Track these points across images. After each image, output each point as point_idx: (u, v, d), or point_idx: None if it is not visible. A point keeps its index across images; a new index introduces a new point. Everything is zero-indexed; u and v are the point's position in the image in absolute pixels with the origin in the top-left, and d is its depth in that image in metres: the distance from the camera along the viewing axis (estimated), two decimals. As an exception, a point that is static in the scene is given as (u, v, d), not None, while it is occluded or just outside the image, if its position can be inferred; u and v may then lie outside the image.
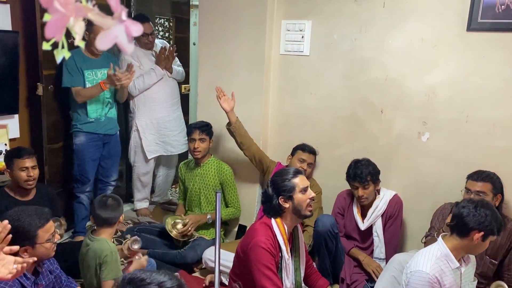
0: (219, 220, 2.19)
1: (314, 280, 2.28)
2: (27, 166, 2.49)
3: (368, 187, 2.60)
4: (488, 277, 2.43)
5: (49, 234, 1.79)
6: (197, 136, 3.06)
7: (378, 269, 2.60)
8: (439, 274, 1.85)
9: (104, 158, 3.35)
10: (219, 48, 3.23)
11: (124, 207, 3.97)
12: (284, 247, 2.05)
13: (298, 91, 3.15)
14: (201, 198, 3.17)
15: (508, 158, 2.57)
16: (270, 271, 1.96)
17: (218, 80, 3.28)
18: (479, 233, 1.81)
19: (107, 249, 2.16)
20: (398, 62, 2.79)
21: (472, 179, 2.40)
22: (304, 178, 2.10)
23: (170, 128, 3.67)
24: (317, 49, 3.03)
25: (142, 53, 3.54)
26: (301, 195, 2.04)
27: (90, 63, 3.13)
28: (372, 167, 2.61)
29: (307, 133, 3.15)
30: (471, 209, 1.83)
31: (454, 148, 2.72)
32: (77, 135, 3.18)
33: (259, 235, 2.01)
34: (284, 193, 2.03)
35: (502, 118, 2.57)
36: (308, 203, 2.06)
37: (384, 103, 2.88)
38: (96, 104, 3.17)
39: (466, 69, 2.62)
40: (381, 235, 2.67)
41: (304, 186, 2.06)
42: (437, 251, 1.91)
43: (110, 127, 3.30)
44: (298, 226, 2.19)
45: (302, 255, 2.19)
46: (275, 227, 2.04)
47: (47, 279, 1.88)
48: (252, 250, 1.99)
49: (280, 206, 2.04)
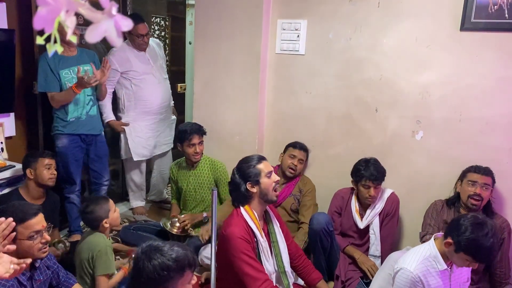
0: (215, 217, 2.21)
1: (307, 272, 2.31)
2: (50, 164, 2.71)
3: (379, 187, 2.63)
4: (479, 272, 2.46)
5: (31, 231, 1.73)
6: (197, 140, 3.03)
7: (373, 267, 2.62)
8: (423, 274, 1.88)
9: (93, 161, 3.25)
10: (215, 47, 3.25)
11: (120, 206, 4.01)
12: (258, 231, 2.11)
13: (293, 90, 3.17)
14: (196, 197, 3.18)
15: (500, 156, 2.60)
16: (249, 258, 2.01)
17: (214, 79, 3.30)
18: (450, 240, 1.81)
19: (101, 243, 2.19)
20: (392, 62, 2.82)
21: (477, 172, 2.45)
22: (268, 163, 2.18)
23: (157, 129, 3.64)
24: (312, 49, 3.05)
25: (134, 54, 3.43)
26: (267, 179, 2.12)
27: (66, 62, 2.98)
28: (382, 167, 2.65)
29: (303, 132, 3.17)
30: (467, 222, 1.79)
31: (447, 147, 2.74)
32: (58, 138, 3.06)
33: (231, 226, 2.07)
34: (251, 178, 2.11)
35: (494, 117, 2.59)
36: (274, 187, 2.13)
37: (378, 102, 2.91)
38: (75, 103, 3.03)
39: (460, 69, 2.64)
40: (378, 233, 2.69)
41: (269, 171, 2.14)
42: (427, 251, 1.94)
43: (92, 126, 3.15)
44: (269, 211, 2.25)
45: (281, 239, 2.24)
46: (244, 214, 2.11)
47: (44, 275, 1.88)
48: (228, 242, 2.05)
49: (248, 191, 2.12)
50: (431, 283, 1.89)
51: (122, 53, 3.38)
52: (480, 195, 2.39)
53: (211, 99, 3.35)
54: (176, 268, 1.45)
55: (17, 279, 1.70)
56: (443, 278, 1.92)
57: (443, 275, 1.92)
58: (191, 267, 1.50)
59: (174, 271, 1.44)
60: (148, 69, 3.48)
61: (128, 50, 3.41)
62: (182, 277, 1.47)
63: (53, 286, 1.98)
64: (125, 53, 3.39)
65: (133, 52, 3.43)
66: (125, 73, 3.43)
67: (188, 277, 1.50)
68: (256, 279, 1.99)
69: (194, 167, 3.16)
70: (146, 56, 3.49)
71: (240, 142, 3.29)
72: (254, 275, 1.99)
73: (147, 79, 3.48)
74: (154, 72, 3.52)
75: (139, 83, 3.45)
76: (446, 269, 1.91)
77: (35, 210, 1.78)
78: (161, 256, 1.45)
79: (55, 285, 1.98)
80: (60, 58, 2.96)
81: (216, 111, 3.35)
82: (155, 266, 1.43)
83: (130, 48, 3.42)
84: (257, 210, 2.16)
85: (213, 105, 3.35)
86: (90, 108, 3.12)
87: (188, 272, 1.49)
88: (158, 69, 3.58)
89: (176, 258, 1.46)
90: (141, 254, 1.48)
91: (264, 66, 3.18)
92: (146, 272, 1.43)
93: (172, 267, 1.44)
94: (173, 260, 1.45)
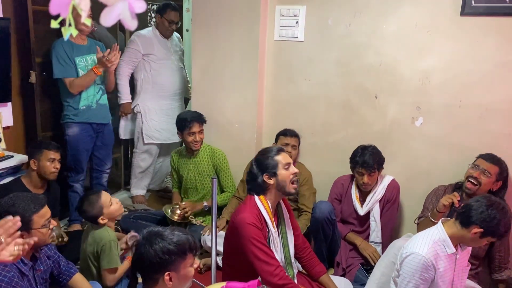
0: (215, 205, 2.22)
1: (311, 265, 2.30)
2: (54, 158, 2.67)
3: (373, 175, 2.62)
4: (479, 257, 2.48)
5: (45, 220, 1.79)
6: (197, 129, 3.04)
7: (375, 254, 2.63)
8: (434, 258, 1.88)
9: (98, 148, 3.32)
10: (212, 35, 3.21)
11: (120, 195, 4.02)
12: (270, 222, 2.11)
13: (292, 77, 3.15)
14: (197, 185, 3.18)
15: (500, 141, 2.60)
16: (261, 244, 2.01)
17: (212, 67, 3.27)
18: (478, 229, 1.82)
19: (105, 237, 2.20)
20: (392, 47, 2.80)
21: (483, 158, 2.46)
22: (286, 155, 2.15)
23: (173, 116, 3.66)
24: (311, 35, 3.02)
25: (157, 39, 3.59)
26: (285, 171, 2.10)
27: (80, 50, 3.08)
28: (379, 155, 2.63)
29: (302, 119, 3.15)
30: (483, 206, 1.82)
31: (447, 133, 2.74)
32: (69, 126, 3.13)
33: (244, 213, 2.06)
34: (268, 170, 2.09)
35: (494, 103, 2.59)
36: (292, 179, 2.10)
37: (378, 89, 2.89)
38: (87, 91, 3.12)
39: (460, 54, 2.62)
40: (378, 220, 2.69)
41: (287, 162, 2.12)
42: (436, 235, 1.93)
43: (103, 115, 3.25)
44: (281, 204, 2.25)
45: (289, 232, 2.25)
46: (258, 203, 2.10)
47: (45, 264, 1.89)
48: (239, 228, 2.05)
49: (265, 183, 2.10)
50: (440, 267, 1.90)
51: (147, 36, 3.57)
52: (477, 179, 2.40)
53: (210, 87, 3.32)
54: (177, 251, 1.47)
55: (19, 269, 1.70)
56: (450, 262, 1.93)
57: (450, 259, 1.93)
58: (193, 251, 1.52)
59: (176, 255, 1.46)
60: (168, 55, 3.64)
61: (152, 35, 3.58)
62: (184, 260, 1.49)
63: (54, 276, 1.98)
64: (150, 37, 3.57)
65: (157, 37, 3.60)
66: (146, 56, 3.57)
67: (190, 260, 1.52)
68: (269, 264, 1.99)
69: (194, 155, 3.15)
70: (168, 43, 3.66)
71: (240, 130, 3.28)
72: (267, 260, 2.00)
73: (165, 64, 3.63)
74: (173, 59, 3.68)
75: (158, 68, 3.59)
76: (453, 253, 1.92)
77: (44, 199, 1.84)
78: (162, 241, 1.47)
79: (56, 275, 1.98)
80: (74, 46, 3.06)
81: (215, 99, 3.33)
82: (156, 251, 1.45)
83: (155, 33, 3.60)
84: (272, 201, 2.14)
85: (212, 93, 3.33)
86: (100, 97, 3.23)
87: (189, 256, 1.51)
88: (176, 59, 3.74)
89: (177, 241, 1.48)
90: (142, 240, 1.49)
91: (263, 53, 3.15)
92: (148, 256, 1.45)
93: (174, 251, 1.46)
94: (174, 244, 1.47)
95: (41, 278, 1.85)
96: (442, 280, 1.92)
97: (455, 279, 1.98)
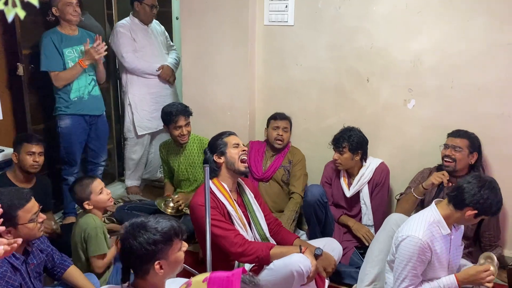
0: (208, 194, 2.21)
1: (282, 237, 2.36)
2: (34, 151, 2.60)
3: (343, 154, 2.64)
4: (469, 237, 2.50)
5: (31, 214, 1.77)
6: (183, 122, 2.99)
7: (368, 234, 2.65)
8: (430, 240, 1.89)
9: (92, 140, 3.28)
10: (201, 21, 3.17)
11: (115, 186, 4.00)
12: (227, 201, 2.19)
13: (284, 63, 3.12)
14: (189, 177, 3.16)
15: (492, 121, 2.60)
16: (214, 220, 2.06)
17: (202, 54, 3.23)
18: (472, 211, 1.85)
19: (90, 223, 2.20)
20: (383, 30, 2.77)
21: (451, 136, 2.52)
22: (236, 137, 2.31)
23: (163, 103, 3.61)
24: (301, 19, 2.98)
25: (138, 28, 3.56)
26: (233, 149, 2.24)
27: (69, 41, 3.02)
28: (356, 137, 2.62)
29: (294, 105, 3.14)
30: (475, 187, 1.84)
31: (439, 114, 2.73)
32: (61, 118, 3.09)
33: (196, 196, 2.18)
34: (217, 150, 2.24)
35: (486, 83, 2.58)
36: (240, 157, 2.22)
37: (370, 72, 2.87)
38: (78, 82, 3.07)
39: (451, 35, 2.60)
40: (368, 202, 2.70)
41: (235, 142, 2.26)
42: (430, 217, 1.94)
43: (95, 106, 3.20)
44: (242, 184, 2.35)
45: (257, 209, 2.32)
46: (212, 186, 2.18)
47: (38, 258, 1.88)
48: (193, 212, 2.17)
49: (215, 162, 2.23)
50: (437, 248, 1.91)
51: (127, 25, 3.54)
52: (450, 156, 2.45)
53: (201, 75, 3.29)
54: (162, 240, 1.45)
55: (11, 264, 1.69)
56: (445, 242, 1.95)
57: (445, 239, 1.95)
58: (178, 235, 1.51)
59: (162, 243, 1.45)
60: (150, 42, 3.62)
61: (132, 23, 3.55)
62: (171, 247, 1.48)
63: (48, 269, 1.97)
64: (130, 25, 3.55)
65: (137, 25, 3.57)
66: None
67: (178, 245, 1.51)
68: (226, 237, 2.08)
69: (183, 148, 3.13)
70: (148, 30, 3.64)
71: (232, 117, 3.26)
72: (223, 234, 2.08)
73: (149, 51, 3.60)
74: (155, 45, 3.66)
75: (141, 56, 3.56)
76: (448, 233, 1.94)
77: (29, 193, 1.80)
78: (145, 232, 1.45)
79: (50, 268, 1.98)
80: (63, 37, 3.01)
81: (206, 87, 3.30)
82: (141, 243, 1.43)
83: (134, 21, 3.56)
84: (227, 182, 2.24)
85: (203, 81, 3.30)
86: (92, 88, 3.18)
87: (176, 241, 1.50)
88: (159, 44, 3.72)
89: (161, 230, 1.46)
90: (125, 234, 1.47)
91: (253, 38, 3.11)
92: (134, 250, 1.43)
93: (159, 240, 1.45)
94: (159, 233, 1.45)
95: (35, 272, 1.84)
96: (438, 261, 1.94)
97: (451, 259, 2.00)
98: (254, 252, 2.06)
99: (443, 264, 1.97)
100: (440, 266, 1.96)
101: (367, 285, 2.33)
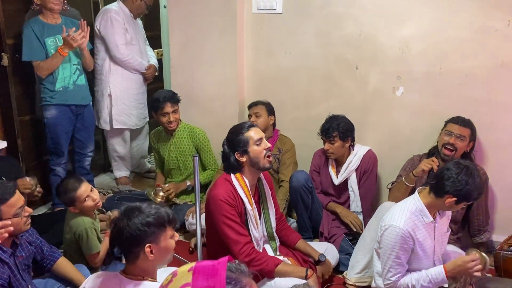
0: (198, 183, 2.20)
1: (286, 235, 2.34)
2: None
3: (334, 143, 2.63)
4: (457, 221, 2.53)
5: (16, 209, 1.73)
6: (170, 109, 2.97)
7: (356, 220, 2.67)
8: (412, 229, 1.91)
9: (78, 130, 3.24)
10: (189, 9, 3.13)
11: (104, 177, 3.98)
12: (247, 200, 2.10)
13: (272, 51, 3.10)
14: (180, 166, 3.15)
15: (480, 107, 2.61)
16: (231, 221, 2.02)
17: (190, 42, 3.20)
18: (452, 198, 1.85)
19: (80, 225, 2.22)
20: (371, 16, 2.76)
21: (455, 123, 2.46)
22: (258, 130, 2.12)
23: (140, 101, 3.63)
24: (290, 6, 2.96)
25: (127, 19, 3.43)
26: (256, 147, 2.07)
27: (51, 30, 2.95)
28: (344, 124, 2.61)
29: (284, 93, 3.13)
30: (453, 174, 1.84)
31: (428, 101, 2.74)
32: (47, 109, 3.04)
33: (217, 189, 2.06)
34: (239, 148, 2.06)
35: (473, 68, 2.58)
36: (265, 154, 2.08)
37: (358, 59, 2.86)
38: (63, 72, 3.01)
39: (438, 20, 2.60)
40: (356, 189, 2.71)
41: (258, 138, 2.08)
42: (412, 205, 1.96)
43: (81, 96, 3.15)
44: (262, 179, 2.23)
45: (271, 207, 2.26)
46: (234, 181, 2.09)
47: (26, 251, 1.86)
48: (211, 204, 2.06)
49: (238, 161, 2.08)
50: (419, 237, 1.93)
51: (122, 15, 3.40)
52: (454, 145, 2.43)
53: (189, 63, 3.26)
54: (156, 223, 1.49)
55: (-1, 257, 1.68)
56: (429, 230, 1.96)
57: (429, 227, 1.96)
58: (171, 223, 1.55)
59: (155, 226, 1.48)
60: (137, 37, 3.53)
61: (121, 11, 3.41)
62: (164, 232, 1.52)
63: (37, 261, 1.96)
64: (123, 15, 3.41)
65: (128, 16, 3.45)
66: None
67: (170, 232, 1.54)
68: (237, 242, 2.01)
69: (173, 136, 3.11)
70: (136, 23, 3.54)
71: (221, 106, 3.24)
72: (236, 238, 2.01)
73: (135, 47, 3.50)
74: (141, 41, 3.59)
75: (130, 50, 3.44)
76: (431, 221, 1.95)
77: (12, 188, 1.75)
78: (140, 213, 1.49)
79: (39, 260, 1.96)
80: (45, 26, 2.95)
81: (194, 76, 3.27)
82: (135, 223, 1.47)
83: (124, 10, 3.43)
84: (249, 178, 2.12)
85: (191, 69, 3.27)
86: (77, 78, 3.12)
87: (169, 228, 1.54)
88: (143, 40, 3.67)
89: (155, 213, 1.50)
90: (120, 215, 1.51)
91: (241, 26, 3.08)
92: (127, 230, 1.47)
93: (153, 222, 1.48)
94: (153, 216, 1.49)
95: (23, 265, 1.83)
96: (422, 249, 1.96)
97: (436, 246, 2.02)
98: (260, 264, 2.01)
99: (427, 253, 1.99)
100: (424, 254, 1.98)
101: (357, 273, 2.36)
